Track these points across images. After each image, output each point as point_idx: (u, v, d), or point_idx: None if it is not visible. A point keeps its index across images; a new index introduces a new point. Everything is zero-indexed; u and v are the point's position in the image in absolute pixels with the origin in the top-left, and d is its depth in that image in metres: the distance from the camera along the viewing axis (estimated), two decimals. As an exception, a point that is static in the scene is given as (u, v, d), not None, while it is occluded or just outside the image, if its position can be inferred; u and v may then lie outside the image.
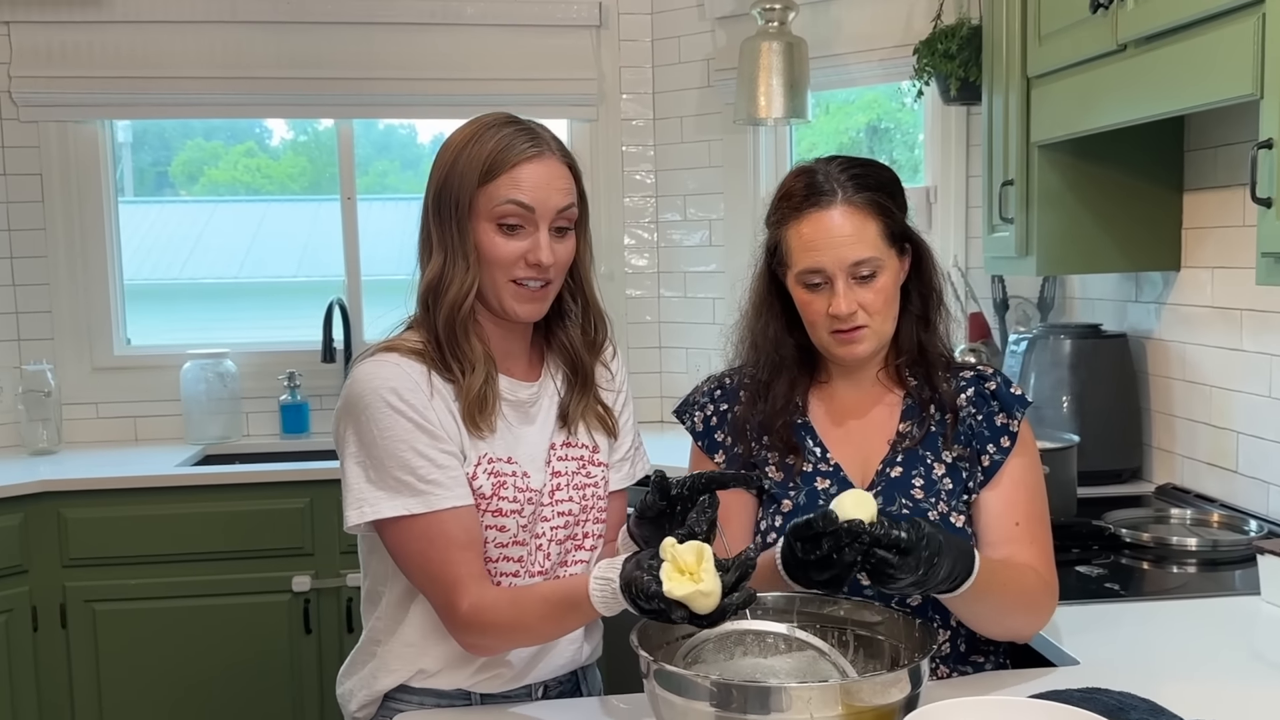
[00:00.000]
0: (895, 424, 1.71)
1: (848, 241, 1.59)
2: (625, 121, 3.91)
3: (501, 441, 1.59)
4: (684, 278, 3.92)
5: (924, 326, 1.71)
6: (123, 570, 3.19)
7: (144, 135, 5.58)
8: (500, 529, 1.57)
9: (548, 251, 1.54)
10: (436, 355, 1.56)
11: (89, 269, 3.74)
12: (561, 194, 1.55)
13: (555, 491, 1.63)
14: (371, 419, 1.51)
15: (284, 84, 3.71)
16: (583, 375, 1.67)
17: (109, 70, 3.64)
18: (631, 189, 3.94)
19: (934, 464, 1.67)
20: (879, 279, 1.61)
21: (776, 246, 1.67)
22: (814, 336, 1.66)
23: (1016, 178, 2.61)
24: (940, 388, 1.70)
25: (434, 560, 1.50)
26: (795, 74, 3.24)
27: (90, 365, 3.77)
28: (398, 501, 1.50)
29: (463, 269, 1.54)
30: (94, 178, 3.73)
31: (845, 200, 1.61)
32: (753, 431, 1.71)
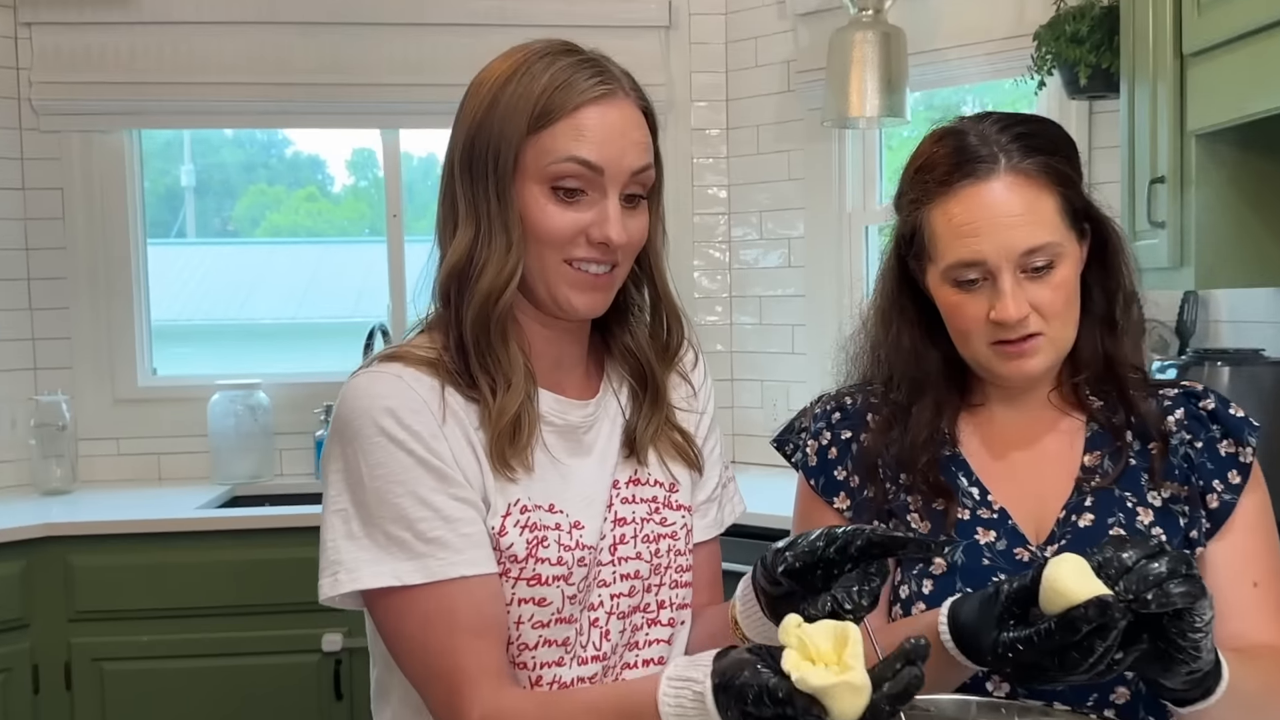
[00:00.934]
0: (1078, 456, 1.32)
1: (1018, 223, 1.22)
2: (696, 131, 3.57)
3: (542, 482, 1.20)
4: (759, 302, 3.56)
5: (1109, 331, 1.32)
6: (135, 625, 2.89)
7: (208, 181, 5.53)
8: (540, 602, 1.18)
9: (618, 226, 1.17)
10: (458, 365, 1.19)
11: (112, 292, 3.45)
12: (638, 150, 1.18)
13: (618, 546, 1.24)
14: (360, 451, 1.14)
15: (325, 90, 3.42)
16: (653, 389, 1.29)
17: (136, 76, 3.36)
18: (702, 204, 3.59)
19: (1138, 508, 1.28)
20: (1058, 271, 1.24)
21: (913, 235, 1.30)
22: (966, 350, 1.29)
23: (1169, 174, 2.22)
24: (1139, 407, 1.31)
25: (434, 649, 1.12)
26: (893, 68, 2.88)
27: (111, 397, 3.47)
28: (387, 566, 1.12)
29: (501, 247, 1.16)
30: (119, 192, 3.45)
31: (1011, 168, 1.24)
32: (887, 468, 1.33)
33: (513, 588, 1.17)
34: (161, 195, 4.94)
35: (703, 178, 3.58)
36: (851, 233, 3.35)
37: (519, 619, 1.17)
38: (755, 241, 3.56)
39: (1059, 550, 1.26)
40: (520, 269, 1.17)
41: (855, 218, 3.35)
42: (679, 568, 1.29)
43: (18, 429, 3.34)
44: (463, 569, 1.12)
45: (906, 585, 1.29)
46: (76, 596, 2.87)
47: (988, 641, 1.05)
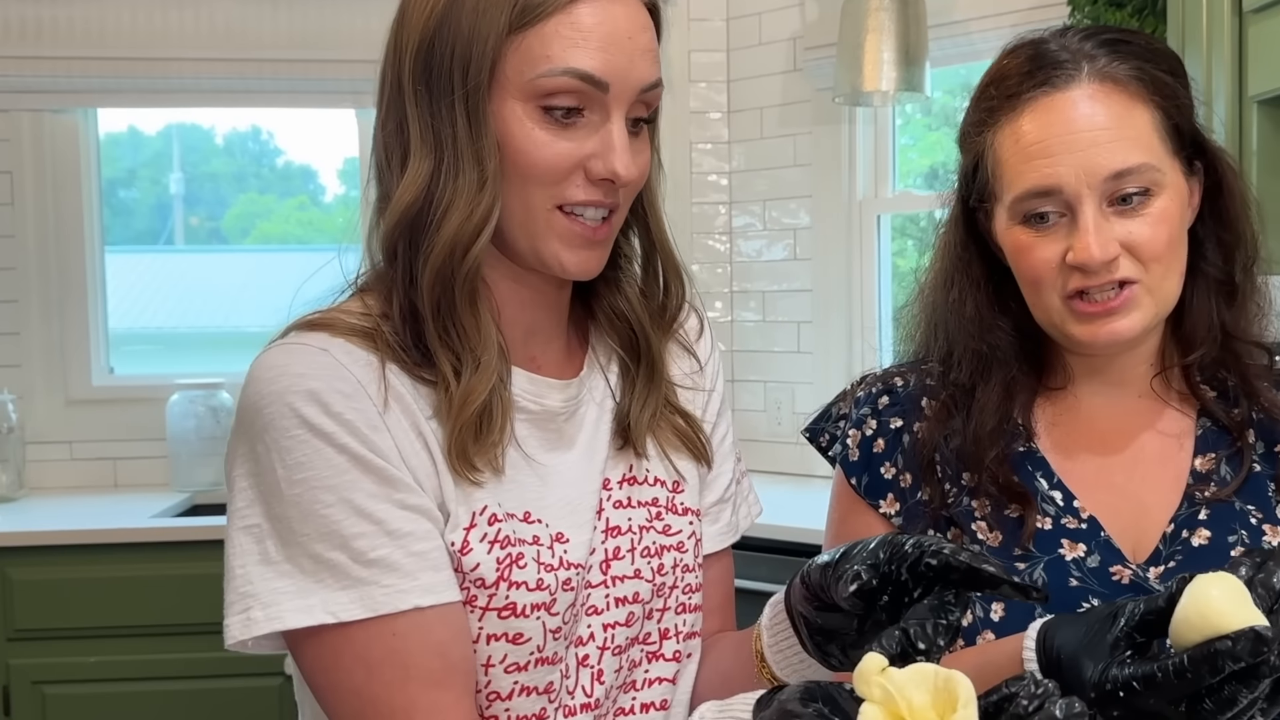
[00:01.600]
0: (1187, 459, 1.08)
1: (1102, 139, 0.99)
2: (696, 114, 3.34)
3: (515, 485, 0.95)
4: (762, 298, 3.33)
5: (1227, 298, 1.08)
6: (80, 645, 2.68)
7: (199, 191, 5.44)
8: (515, 639, 0.92)
9: (625, 157, 0.91)
10: (403, 338, 0.93)
11: (66, 284, 3.22)
12: (648, 59, 0.93)
13: (612, 562, 0.99)
14: (275, 449, 0.88)
15: (297, 67, 3.21)
16: (648, 362, 1.03)
17: (90, 51, 3.13)
18: (701, 192, 3.36)
19: (1264, 524, 1.04)
20: (1156, 202, 1.00)
21: (976, 169, 1.07)
22: (1038, 307, 1.05)
23: (1226, 145, 1.98)
24: (1265, 398, 1.06)
25: (381, 706, 0.87)
26: (911, 38, 2.66)
27: (64, 397, 3.24)
28: (316, 599, 0.86)
29: (472, 184, 0.90)
30: (73, 176, 3.22)
31: (1097, 73, 1.01)
32: (947, 465, 1.09)
33: (480, 621, 0.91)
34: (152, 205, 4.81)
35: (702, 164, 3.35)
36: (862, 223, 3.12)
37: (488, 660, 0.92)
38: (758, 232, 3.33)
39: (1166, 573, 1.02)
40: (497, 211, 0.91)
41: (866, 206, 3.12)
42: (686, 587, 1.03)
43: (-40, 431, 3.10)
44: (416, 598, 0.86)
45: (971, 610, 1.04)
46: (16, 614, 2.66)
47: (1091, 676, 0.81)
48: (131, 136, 4.05)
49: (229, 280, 8.11)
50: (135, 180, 3.79)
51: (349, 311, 0.94)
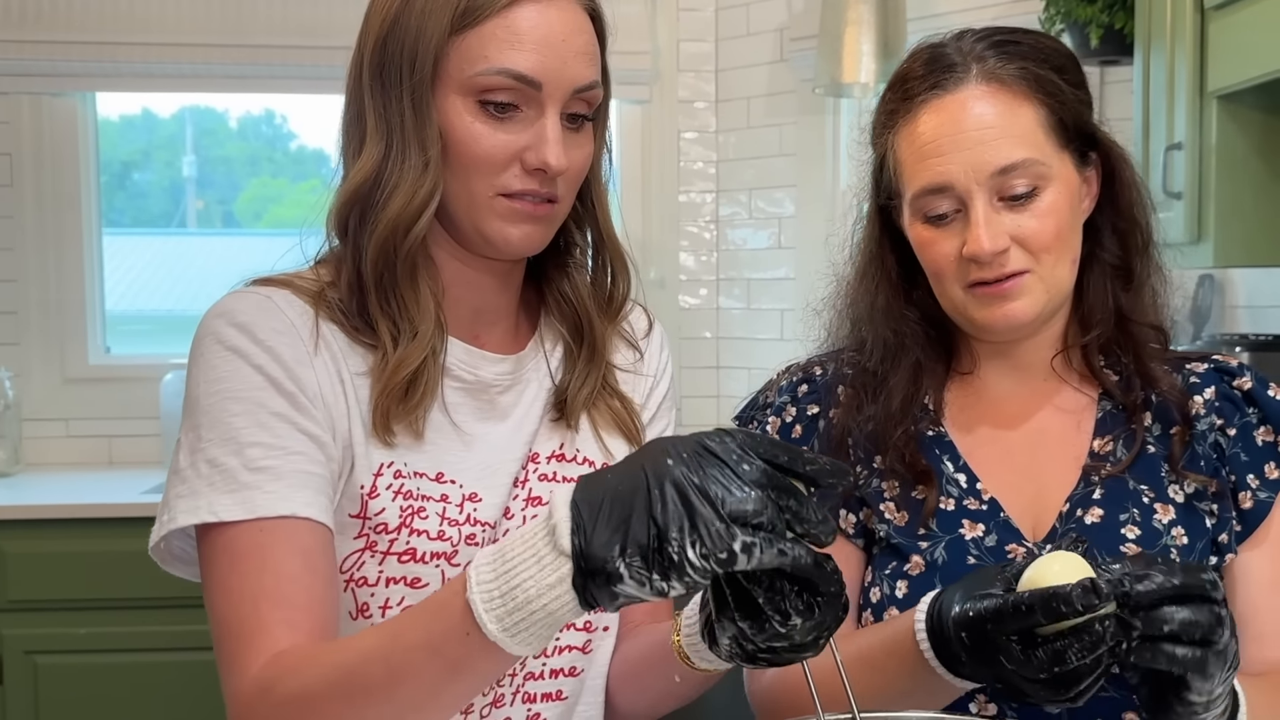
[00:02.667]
0: (1086, 439, 1.12)
1: (988, 136, 1.04)
2: (683, 103, 3.38)
3: (434, 446, 1.01)
4: (747, 285, 3.37)
5: (1124, 284, 1.13)
6: (72, 616, 2.71)
7: (211, 174, 5.48)
8: (413, 583, 0.99)
9: (557, 149, 0.97)
10: (347, 305, 1.00)
11: (63, 265, 3.27)
12: (583, 60, 0.99)
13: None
14: (201, 368, 0.96)
15: (294, 53, 3.22)
16: (590, 343, 1.09)
17: (90, 35, 3.16)
18: (689, 181, 3.40)
19: (1155, 504, 1.08)
20: (1043, 196, 1.05)
21: (883, 164, 1.12)
22: (943, 298, 1.11)
23: (1187, 140, 2.04)
24: (1160, 381, 1.11)
25: (235, 594, 0.91)
26: (890, 30, 2.70)
27: (60, 376, 3.28)
28: (204, 500, 0.92)
29: (416, 167, 0.97)
30: (71, 159, 3.26)
31: (984, 74, 1.06)
32: (859, 448, 1.14)
33: (380, 565, 0.98)
34: (165, 187, 4.84)
35: (689, 152, 3.39)
36: (846, 212, 3.16)
37: (386, 602, 0.98)
38: (744, 221, 3.37)
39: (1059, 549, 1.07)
40: (438, 194, 0.98)
41: (849, 196, 3.16)
42: None
43: (-41, 407, 3.16)
44: (294, 507, 0.92)
45: (878, 587, 1.10)
46: (9, 585, 2.68)
47: (956, 613, 0.88)
48: (145, 119, 4.08)
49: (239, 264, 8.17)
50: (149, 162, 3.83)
51: (300, 276, 1.02)
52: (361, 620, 0.99)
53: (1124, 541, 1.06)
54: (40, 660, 2.70)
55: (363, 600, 0.98)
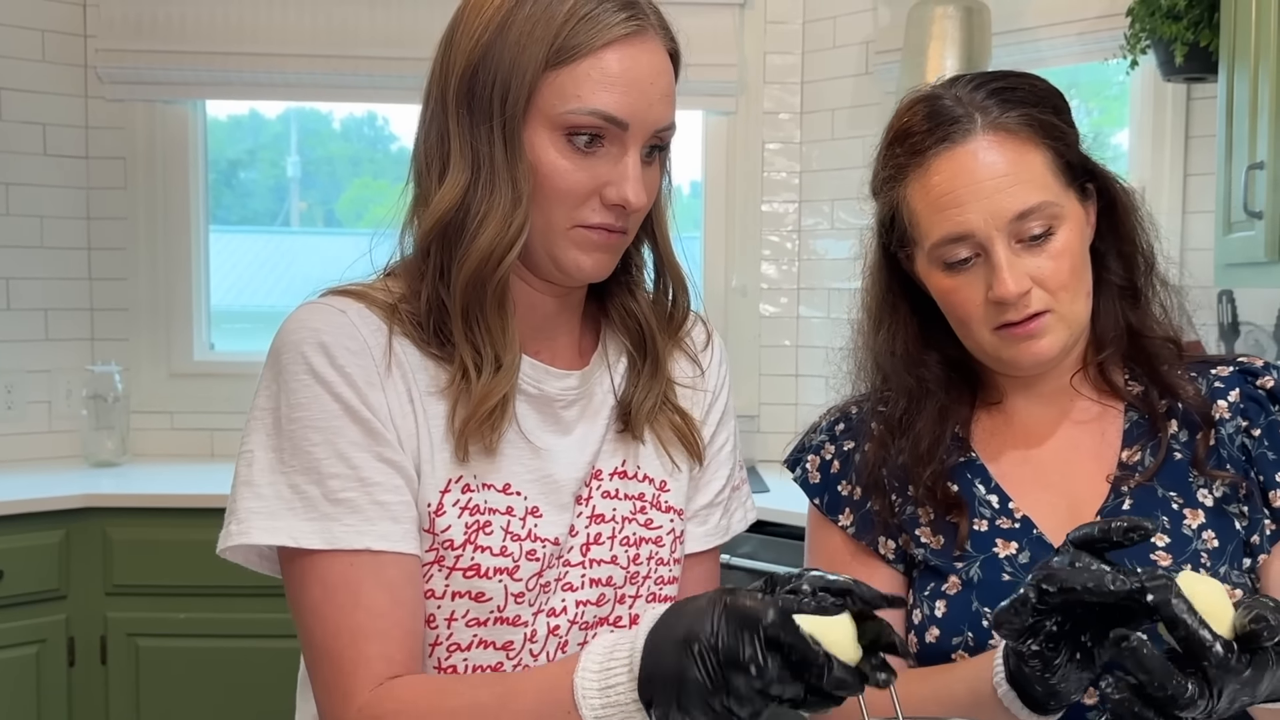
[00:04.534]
0: (1114, 451, 1.16)
1: (1004, 185, 1.08)
2: (768, 115, 3.41)
3: (502, 458, 1.06)
4: (827, 295, 3.40)
5: (1132, 303, 1.17)
6: (173, 601, 2.83)
7: (315, 174, 5.62)
8: (477, 597, 1.04)
9: (638, 186, 1.02)
10: (424, 320, 1.05)
11: (172, 265, 3.42)
12: (665, 103, 1.04)
13: (592, 546, 1.10)
14: (284, 389, 1.01)
15: (395, 64, 3.30)
16: (653, 358, 1.14)
17: (201, 45, 3.31)
18: (772, 191, 3.44)
19: (1185, 509, 1.11)
20: (1058, 236, 1.09)
21: (893, 219, 1.16)
22: (969, 341, 1.14)
23: (1269, 159, 2.02)
24: (1178, 388, 1.14)
25: (330, 625, 0.98)
26: (974, 46, 2.71)
27: (167, 370, 3.44)
28: (283, 523, 0.98)
29: (507, 202, 1.01)
30: (181, 164, 3.41)
31: (990, 125, 1.09)
32: (893, 478, 1.18)
33: (447, 579, 1.03)
34: (270, 186, 4.98)
35: (774, 163, 3.43)
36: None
37: (452, 615, 1.04)
38: (826, 231, 3.40)
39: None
40: (527, 228, 1.02)
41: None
42: (660, 579, 1.13)
43: (72, 400, 3.32)
44: (369, 541, 0.98)
45: (919, 609, 1.14)
46: (114, 570, 2.82)
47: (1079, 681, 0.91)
48: (252, 119, 4.22)
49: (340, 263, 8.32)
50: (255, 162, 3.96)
51: (374, 288, 1.08)
52: (428, 631, 1.03)
53: (1154, 550, 1.09)
54: (142, 643, 2.82)
55: (429, 612, 1.03)
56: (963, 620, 1.11)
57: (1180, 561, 1.08)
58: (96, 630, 2.82)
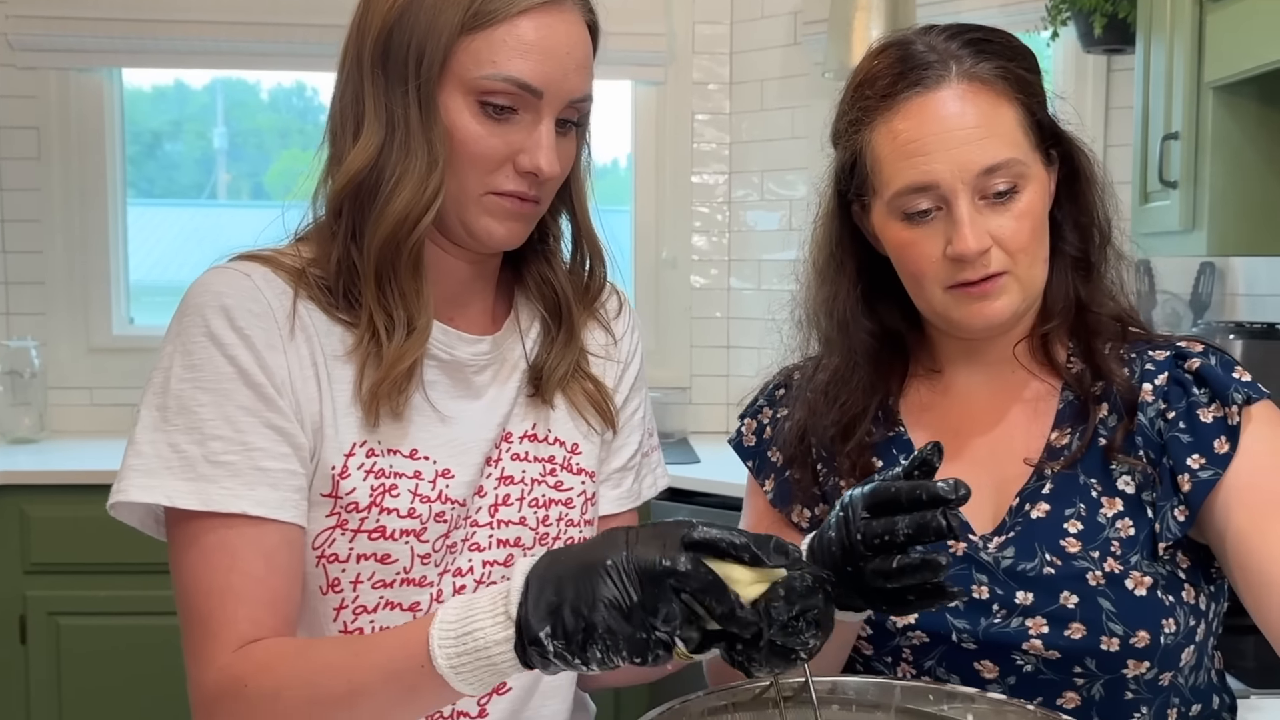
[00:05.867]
0: (1045, 431, 1.14)
1: (973, 136, 1.05)
2: (698, 85, 3.41)
3: (410, 424, 1.05)
4: (758, 266, 3.41)
5: (1083, 275, 1.15)
6: (93, 579, 2.79)
7: (242, 146, 5.53)
8: (383, 559, 1.03)
9: (550, 155, 1.02)
10: (333, 284, 1.03)
11: (89, 238, 3.34)
12: (582, 74, 1.04)
13: (500, 507, 1.09)
14: (181, 349, 1.00)
15: (330, 32, 3.20)
16: (567, 326, 1.14)
17: (117, 12, 3.23)
18: (702, 163, 3.44)
19: (1103, 497, 1.10)
20: (1023, 197, 1.07)
21: (854, 165, 1.12)
22: (920, 299, 1.12)
23: (1183, 130, 2.05)
24: (1111, 373, 1.12)
25: (203, 587, 0.96)
26: (899, 16, 2.72)
27: (86, 346, 3.37)
28: (159, 481, 0.97)
29: (422, 165, 1.00)
30: (98, 134, 3.33)
31: (964, 75, 1.06)
32: (820, 448, 1.17)
33: (351, 542, 1.02)
34: (196, 159, 4.91)
35: (703, 134, 3.43)
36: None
37: (357, 577, 1.03)
38: (755, 202, 3.40)
39: (1004, 544, 1.10)
40: (443, 192, 1.01)
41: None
42: (570, 540, 1.13)
43: (-13, 375, 3.25)
44: (246, 506, 0.96)
45: None
46: (32, 548, 2.77)
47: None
48: (178, 90, 4.13)
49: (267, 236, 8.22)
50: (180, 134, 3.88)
51: (283, 252, 1.06)
52: (332, 595, 1.03)
53: (1065, 536, 1.08)
54: (62, 621, 2.78)
55: (334, 576, 1.02)
56: None
57: (1090, 548, 1.08)
58: (15, 609, 2.77)
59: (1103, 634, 1.04)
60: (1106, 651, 1.05)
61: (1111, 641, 1.04)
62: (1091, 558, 1.07)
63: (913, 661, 1.11)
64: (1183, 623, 1.06)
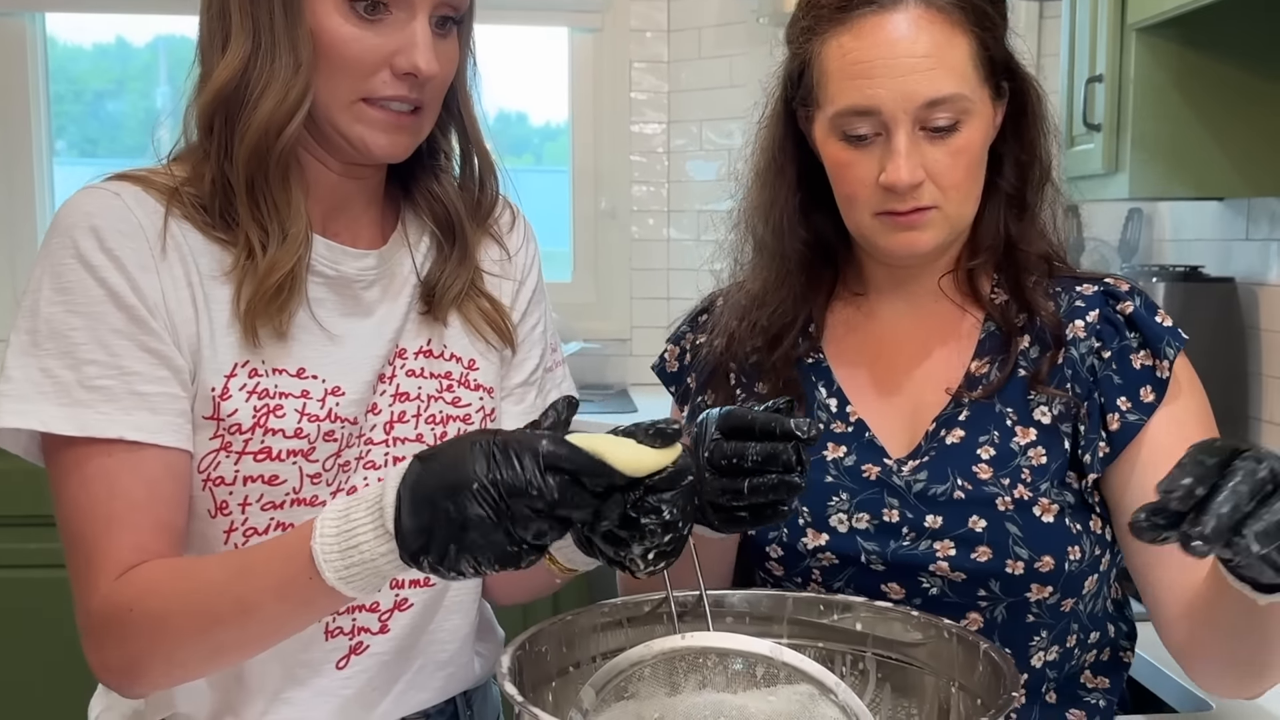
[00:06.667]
0: (965, 361, 1.15)
1: (921, 66, 1.04)
2: (635, 32, 3.38)
3: (295, 343, 1.03)
4: (697, 217, 3.40)
5: (1016, 212, 1.15)
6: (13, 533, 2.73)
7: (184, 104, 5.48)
8: (270, 480, 1.01)
9: (428, 53, 0.99)
10: (209, 203, 1.01)
11: (14, 191, 3.26)
12: None
13: (395, 424, 1.08)
14: (49, 273, 0.97)
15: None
16: (461, 243, 1.12)
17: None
18: (640, 111, 3.41)
19: (1017, 426, 1.11)
20: (962, 133, 1.06)
21: (802, 74, 1.11)
22: (850, 218, 1.12)
23: (1107, 72, 2.07)
24: (1038, 306, 1.13)
25: (84, 514, 0.95)
26: (832, -39, 2.69)
27: (12, 300, 3.28)
28: (32, 406, 0.95)
29: (287, 69, 0.98)
30: (20, 83, 3.24)
31: (923, 0, 1.05)
32: (741, 372, 1.18)
33: (236, 464, 1.01)
34: (140, 119, 4.84)
35: (641, 82, 3.40)
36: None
37: (245, 500, 1.01)
38: (694, 152, 3.39)
39: (918, 467, 1.11)
40: (310, 96, 0.99)
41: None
42: None
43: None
44: (123, 430, 0.95)
45: None
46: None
47: None
48: (119, 47, 4.05)
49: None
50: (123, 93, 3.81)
51: (155, 172, 1.03)
52: (220, 518, 1.01)
53: (978, 462, 1.10)
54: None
55: (221, 499, 1.01)
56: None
57: (1001, 475, 1.09)
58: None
59: (1008, 557, 1.06)
60: (1011, 574, 1.06)
61: (1017, 565, 1.06)
62: (1002, 484, 1.09)
63: (822, 582, 1.12)
64: (1088, 551, 1.08)
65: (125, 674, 0.95)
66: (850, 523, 1.10)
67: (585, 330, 3.30)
